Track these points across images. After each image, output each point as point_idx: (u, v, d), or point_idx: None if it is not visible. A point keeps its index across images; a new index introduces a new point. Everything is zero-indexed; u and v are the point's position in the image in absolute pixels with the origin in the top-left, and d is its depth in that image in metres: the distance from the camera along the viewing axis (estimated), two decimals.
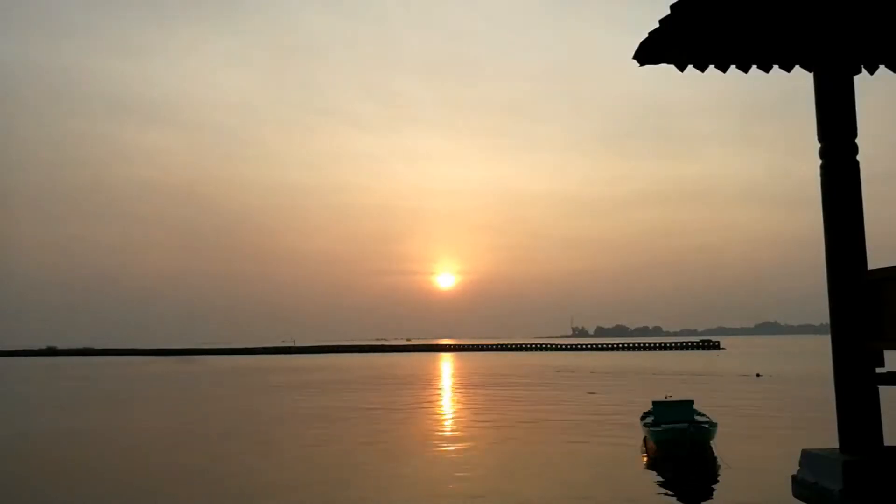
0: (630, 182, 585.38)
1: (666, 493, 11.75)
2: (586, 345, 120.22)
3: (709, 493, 11.71)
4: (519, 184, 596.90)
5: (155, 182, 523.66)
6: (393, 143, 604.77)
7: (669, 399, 18.63)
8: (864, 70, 5.77)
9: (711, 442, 14.78)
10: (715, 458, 14.29)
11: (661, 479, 12.89)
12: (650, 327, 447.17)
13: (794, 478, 5.01)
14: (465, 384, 40.40)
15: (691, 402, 17.23)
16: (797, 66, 5.72)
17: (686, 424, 14.85)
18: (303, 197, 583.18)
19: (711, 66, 5.61)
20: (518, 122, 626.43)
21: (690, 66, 5.56)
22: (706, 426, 14.92)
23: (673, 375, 44.13)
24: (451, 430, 19.58)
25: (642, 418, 18.14)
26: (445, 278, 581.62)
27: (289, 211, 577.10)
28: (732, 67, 5.67)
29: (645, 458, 14.95)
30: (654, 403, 17.18)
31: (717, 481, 12.61)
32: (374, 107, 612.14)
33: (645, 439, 17.07)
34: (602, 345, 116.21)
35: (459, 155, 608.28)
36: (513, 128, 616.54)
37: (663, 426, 15.53)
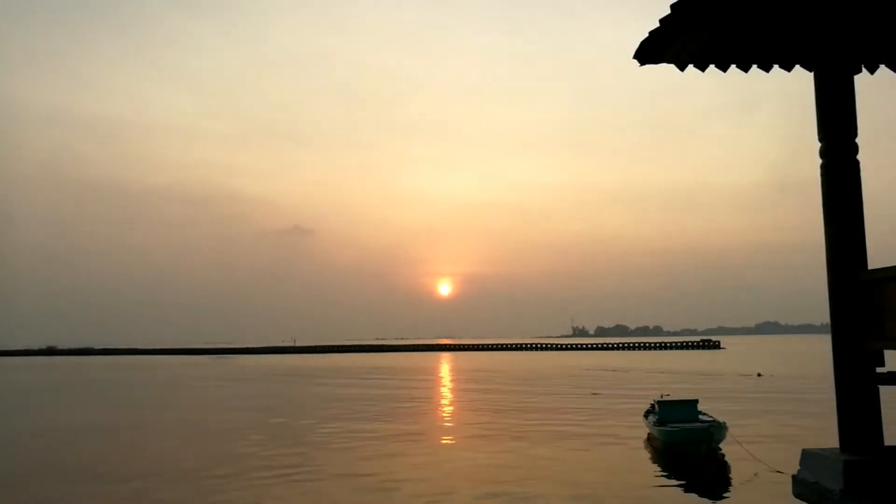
0: (630, 183, 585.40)
1: (667, 492, 11.76)
2: (587, 344, 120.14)
3: (709, 492, 11.71)
4: (517, 185, 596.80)
5: (154, 185, 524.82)
6: (389, 152, 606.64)
7: (667, 398, 18.73)
8: (864, 70, 5.77)
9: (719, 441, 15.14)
10: (723, 457, 14.52)
11: (669, 478, 12.92)
12: (650, 327, 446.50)
13: (794, 477, 5.00)
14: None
15: (695, 402, 17.35)
16: (797, 66, 5.71)
17: (706, 423, 15.27)
18: (298, 200, 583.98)
19: (712, 66, 5.61)
20: (512, 126, 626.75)
21: (691, 66, 5.55)
22: (723, 426, 15.33)
23: (673, 375, 44.14)
24: None
25: (645, 416, 18.23)
26: (445, 279, 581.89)
27: (283, 210, 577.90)
28: (733, 67, 5.66)
29: (649, 455, 15.11)
30: (659, 403, 17.21)
31: (718, 480, 12.63)
32: (353, 126, 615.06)
33: (649, 436, 17.15)
34: (602, 344, 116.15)
35: (452, 159, 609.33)
36: (505, 132, 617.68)
37: (679, 426, 15.68)
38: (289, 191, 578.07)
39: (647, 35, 5.16)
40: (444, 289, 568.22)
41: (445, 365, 69.07)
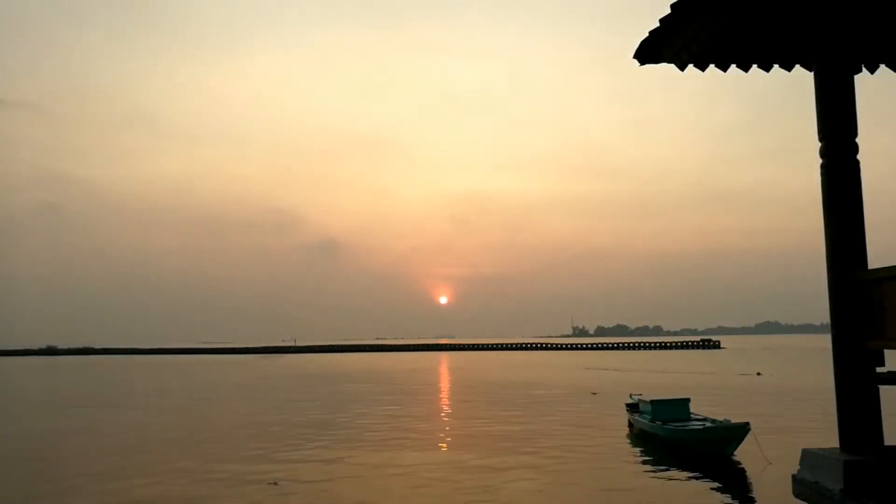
0: (629, 184, 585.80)
1: (670, 490, 11.76)
2: (587, 344, 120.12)
3: (710, 492, 11.71)
4: (518, 185, 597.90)
5: (153, 185, 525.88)
6: (390, 150, 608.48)
7: (638, 397, 19.14)
8: (864, 69, 5.77)
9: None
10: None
11: (668, 475, 12.91)
12: (650, 326, 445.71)
13: (794, 477, 5.00)
14: None
15: (687, 401, 17.48)
16: (797, 65, 5.71)
17: (745, 423, 14.67)
18: (298, 199, 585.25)
19: (712, 66, 5.60)
20: (515, 126, 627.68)
21: (691, 66, 5.55)
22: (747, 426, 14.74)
23: (673, 375, 44.15)
24: None
25: (630, 412, 18.49)
26: (445, 280, 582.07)
27: (283, 209, 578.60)
28: (733, 66, 5.66)
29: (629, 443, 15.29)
30: (653, 402, 17.29)
31: (717, 479, 12.62)
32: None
33: (641, 432, 17.33)
34: (602, 344, 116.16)
35: (453, 161, 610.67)
36: (507, 132, 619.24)
37: (701, 423, 15.59)
38: (320, 208, 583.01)
39: (646, 35, 5.15)
40: (445, 289, 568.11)
41: (444, 363, 69.13)
